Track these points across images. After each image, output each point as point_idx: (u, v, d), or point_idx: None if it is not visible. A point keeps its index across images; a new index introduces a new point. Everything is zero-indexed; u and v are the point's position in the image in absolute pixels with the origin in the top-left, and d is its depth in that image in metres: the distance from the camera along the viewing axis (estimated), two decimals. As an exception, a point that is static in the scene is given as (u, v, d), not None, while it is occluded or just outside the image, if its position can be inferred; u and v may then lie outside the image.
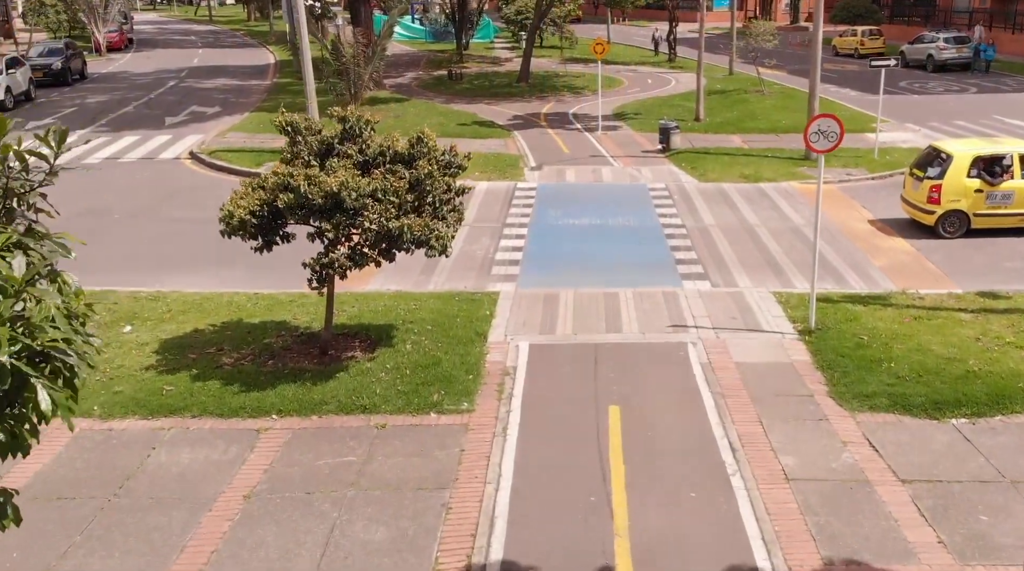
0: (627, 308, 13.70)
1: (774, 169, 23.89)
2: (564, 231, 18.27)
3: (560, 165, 24.70)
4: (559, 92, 40.22)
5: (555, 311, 13.58)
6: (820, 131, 11.98)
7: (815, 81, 24.79)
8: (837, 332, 12.51)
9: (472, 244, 17.32)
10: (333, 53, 32.90)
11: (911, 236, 17.82)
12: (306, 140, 10.84)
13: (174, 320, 13.20)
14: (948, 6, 61.02)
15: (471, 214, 19.48)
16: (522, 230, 18.28)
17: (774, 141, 28.03)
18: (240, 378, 11.09)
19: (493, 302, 13.92)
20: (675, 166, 24.51)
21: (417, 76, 47.57)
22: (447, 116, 33.63)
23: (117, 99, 38.48)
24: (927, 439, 9.80)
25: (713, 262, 16.16)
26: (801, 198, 21.04)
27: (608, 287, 14.72)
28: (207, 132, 30.02)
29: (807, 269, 15.56)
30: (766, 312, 13.52)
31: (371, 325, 12.69)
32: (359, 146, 10.94)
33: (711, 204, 20.47)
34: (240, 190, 10.87)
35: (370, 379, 10.99)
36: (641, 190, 21.88)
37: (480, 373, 11.31)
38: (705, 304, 13.89)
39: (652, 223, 18.90)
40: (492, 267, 15.87)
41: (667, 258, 16.44)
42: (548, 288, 14.66)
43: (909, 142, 27.38)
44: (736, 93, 38.04)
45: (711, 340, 12.46)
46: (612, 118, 32.52)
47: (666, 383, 11.14)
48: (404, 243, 10.43)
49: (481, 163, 24.68)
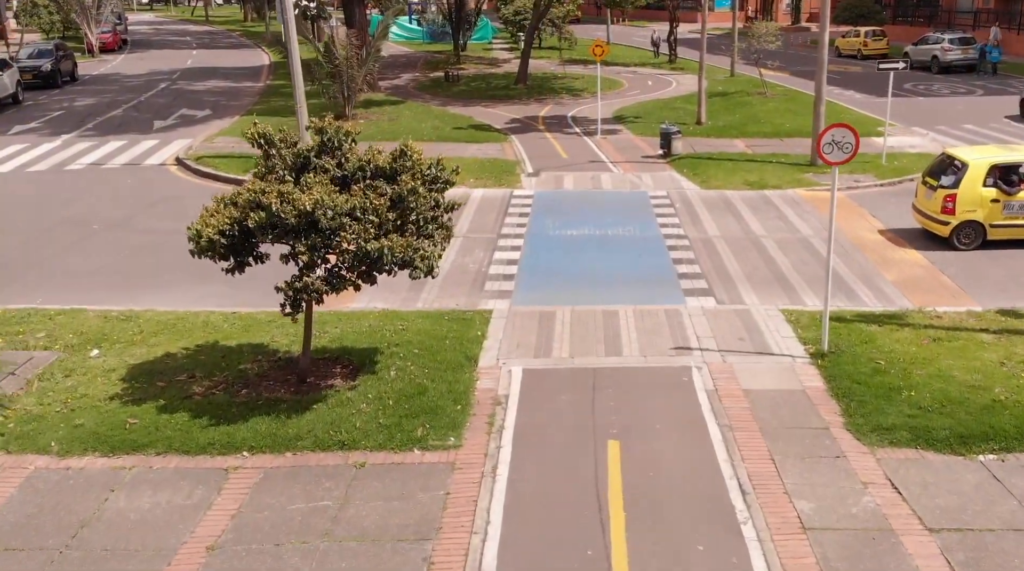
0: (627, 327, 12.91)
1: (779, 175, 23.10)
2: (562, 242, 17.48)
3: (558, 171, 23.91)
4: (558, 94, 39.44)
5: (551, 331, 12.78)
6: (834, 142, 11.19)
7: (821, 84, 24.00)
8: (852, 356, 11.71)
9: (465, 256, 16.52)
10: (326, 55, 32.13)
11: (924, 247, 17.03)
12: (280, 154, 10.04)
13: (145, 343, 12.39)
14: (951, 6, 60.24)
15: (464, 225, 18.69)
16: (518, 241, 17.49)
17: (778, 146, 27.23)
18: (210, 410, 10.30)
19: (485, 321, 13.12)
20: (676, 172, 23.72)
21: (414, 78, 46.79)
22: (443, 119, 32.85)
23: (106, 102, 37.69)
24: (954, 479, 9.00)
25: (718, 276, 15.37)
26: (808, 206, 20.25)
27: (607, 304, 13.93)
28: (196, 136, 29.23)
29: (817, 284, 14.80)
30: (775, 332, 12.72)
31: (354, 349, 11.89)
32: (337, 160, 10.14)
33: (714, 213, 19.68)
34: (211, 206, 10.08)
35: (350, 411, 10.19)
36: (642, 198, 21.09)
37: (469, 403, 10.51)
38: (710, 323, 13.09)
39: (653, 233, 18.11)
40: (485, 282, 15.07)
41: (669, 272, 15.65)
42: (544, 305, 13.88)
43: (917, 147, 26.60)
44: (738, 95, 37.25)
45: (717, 364, 11.66)
46: (612, 121, 31.74)
47: (669, 413, 10.35)
48: (385, 265, 9.63)
49: (477, 169, 23.91)
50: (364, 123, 31.78)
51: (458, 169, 10.79)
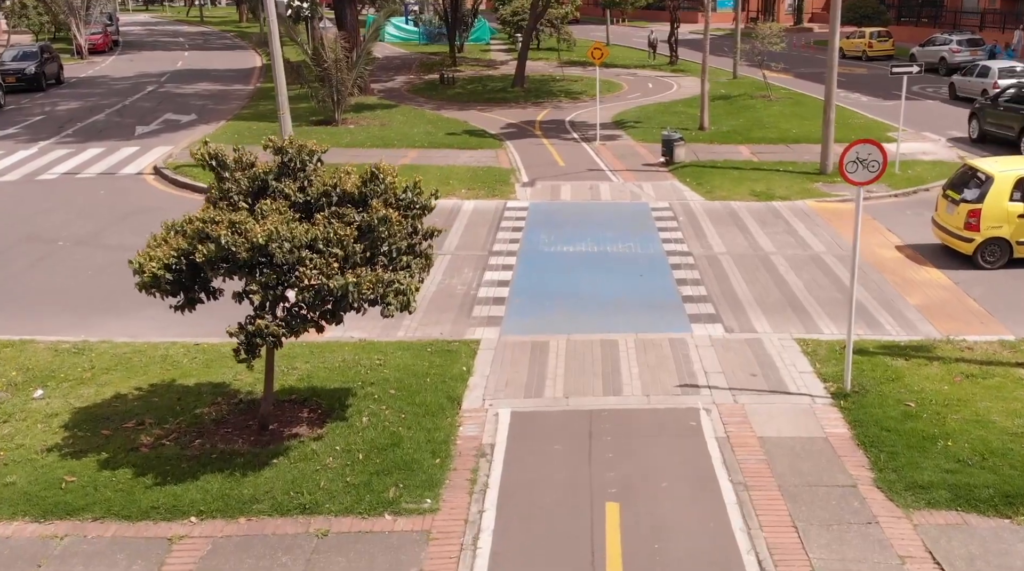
0: (628, 360, 11.74)
1: (787, 185, 21.94)
2: (557, 261, 16.32)
3: (555, 180, 22.75)
4: (556, 97, 38.27)
5: (544, 365, 11.62)
6: (859, 159, 10.03)
7: (831, 89, 22.82)
8: (878, 396, 10.54)
9: (453, 277, 15.35)
10: (314, 58, 30.97)
11: (946, 266, 15.86)
12: (234, 177, 8.87)
13: (95, 381, 11.22)
14: (957, 7, 59.08)
15: (453, 241, 17.51)
16: (510, 259, 16.32)
17: (785, 152, 26.08)
18: (158, 465, 9.12)
19: (472, 354, 11.95)
20: (679, 181, 22.55)
21: (408, 80, 45.62)
22: (436, 124, 31.68)
23: (89, 106, 36.52)
24: (1003, 550, 7.84)
25: (725, 300, 14.20)
26: (819, 219, 19.08)
27: (606, 332, 12.77)
28: (178, 143, 28.04)
29: (833, 308, 13.64)
30: (791, 366, 11.56)
31: (324, 389, 10.71)
32: (300, 183, 8.97)
33: (720, 226, 18.52)
34: (158, 235, 8.92)
35: (314, 466, 9.02)
36: (642, 210, 19.92)
37: (449, 455, 9.34)
38: (718, 355, 11.92)
39: (655, 250, 16.94)
40: (474, 307, 13.90)
41: (673, 295, 14.47)
42: (537, 334, 12.71)
43: (931, 154, 25.44)
44: (741, 98, 36.09)
45: (728, 405, 10.50)
46: (611, 126, 30.58)
47: (676, 467, 9.18)
48: (352, 303, 8.46)
49: (469, 178, 22.75)
50: (354, 128, 30.63)
51: (437, 193, 9.62)
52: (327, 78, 30.75)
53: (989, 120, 25.77)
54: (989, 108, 25.88)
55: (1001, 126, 25.12)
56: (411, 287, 9.03)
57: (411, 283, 9.04)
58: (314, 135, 29.24)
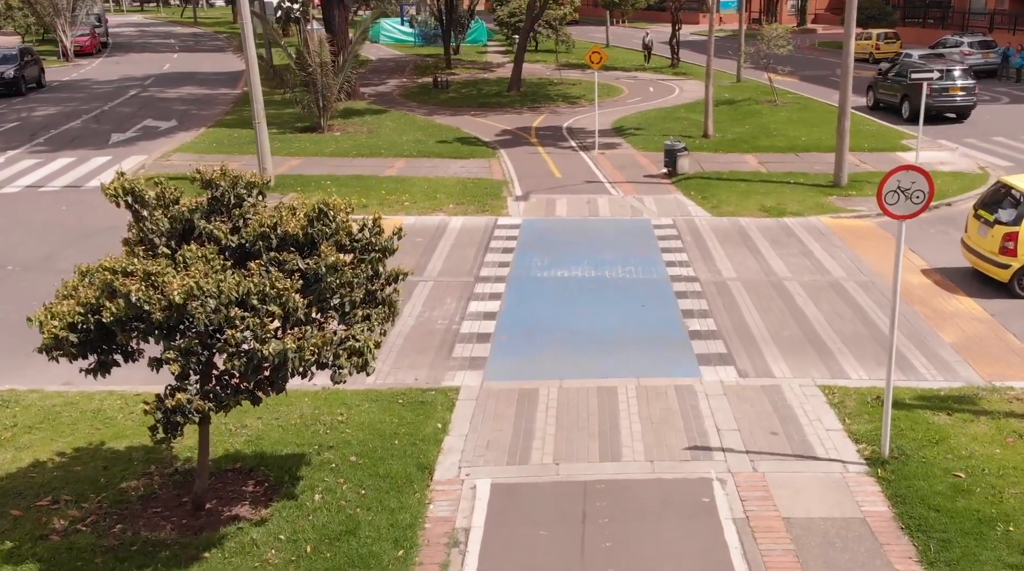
0: (628, 413, 10.26)
1: (798, 199, 20.45)
2: (550, 288, 14.82)
3: (550, 194, 21.26)
4: (553, 102, 36.79)
5: (532, 419, 10.13)
6: (900, 189, 8.53)
7: (846, 96, 21.33)
8: (921, 464, 9.05)
9: (434, 308, 13.86)
10: (298, 62, 29.49)
11: (979, 294, 14.38)
12: (152, 216, 7.37)
13: (14, 443, 9.71)
14: (964, 7, 57.60)
15: (437, 264, 16.03)
16: (498, 286, 14.82)
17: (794, 162, 24.59)
18: (67, 562, 7.60)
19: (450, 405, 10.46)
20: (683, 195, 21.07)
21: (400, 83, 44.13)
22: (427, 131, 30.20)
23: (67, 111, 35.03)
24: None
25: (737, 336, 12.70)
26: (835, 239, 17.59)
27: (603, 376, 11.29)
28: (152, 153, 26.56)
29: (860, 346, 12.14)
30: (816, 422, 10.07)
31: (274, 456, 9.21)
32: (234, 223, 7.48)
33: (728, 247, 17.03)
34: (69, 283, 7.42)
35: (252, 562, 7.51)
36: (644, 228, 18.43)
37: (415, 544, 7.84)
38: (732, 407, 10.43)
39: (658, 275, 15.46)
40: (455, 345, 12.39)
41: (679, 329, 12.98)
42: (525, 379, 11.22)
43: (948, 164, 23.94)
44: (746, 103, 34.61)
45: (745, 474, 9.00)
46: (611, 133, 29.08)
47: (685, 560, 7.69)
48: (295, 369, 6.97)
49: (458, 191, 21.26)
50: (340, 136, 29.14)
51: (400, 232, 8.16)
52: (312, 83, 29.27)
53: (880, 91, 32.39)
54: (881, 81, 32.69)
55: (888, 95, 31.72)
56: (369, 344, 7.54)
57: (369, 339, 7.55)
58: (298, 143, 27.76)
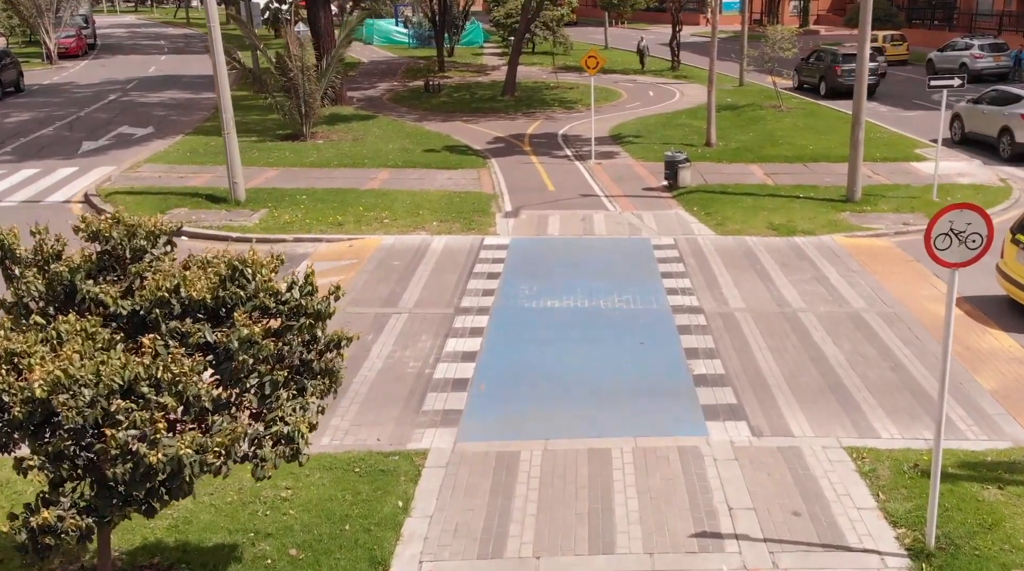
0: (624, 485, 8.74)
1: (809, 215, 18.95)
2: (538, 322, 13.30)
3: (542, 209, 19.76)
4: (549, 107, 35.30)
5: (510, 495, 8.61)
6: (953, 232, 7.00)
7: (861, 104, 19.80)
8: (973, 557, 7.54)
9: (406, 347, 12.33)
10: (279, 66, 27.98)
11: (1017, 328, 12.87)
12: (23, 276, 5.87)
13: None
14: (971, 9, 56.16)
15: (415, 292, 14.51)
16: (480, 320, 13.30)
17: (803, 173, 23.09)
18: None
19: (415, 475, 8.94)
20: (685, 210, 19.56)
21: (391, 87, 42.64)
22: (415, 138, 28.71)
23: (41, 117, 33.54)
24: None
25: (748, 382, 11.19)
26: (851, 261, 16.08)
27: (595, 434, 9.79)
28: (121, 163, 25.04)
29: (889, 396, 10.63)
30: (845, 497, 8.55)
31: (200, 548, 7.68)
32: (126, 284, 5.96)
33: (735, 271, 15.53)
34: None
35: None
36: (643, 248, 16.93)
37: None
38: (745, 477, 8.92)
39: (659, 305, 13.95)
40: (426, 395, 10.86)
41: (682, 373, 11.46)
42: (504, 439, 9.71)
43: (968, 176, 22.46)
44: (750, 109, 33.14)
45: (763, 569, 7.51)
46: (608, 141, 27.59)
47: None
48: (198, 473, 5.46)
49: (443, 207, 19.75)
50: (323, 144, 27.64)
51: (339, 290, 6.62)
52: (293, 88, 27.76)
53: (804, 74, 38.23)
54: (804, 66, 38.04)
55: (809, 77, 37.82)
56: (302, 428, 6.04)
57: (301, 422, 6.05)
58: (277, 152, 26.26)
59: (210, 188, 21.26)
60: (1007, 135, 23.92)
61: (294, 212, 19.12)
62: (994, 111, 24.55)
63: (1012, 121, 23.66)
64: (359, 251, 16.75)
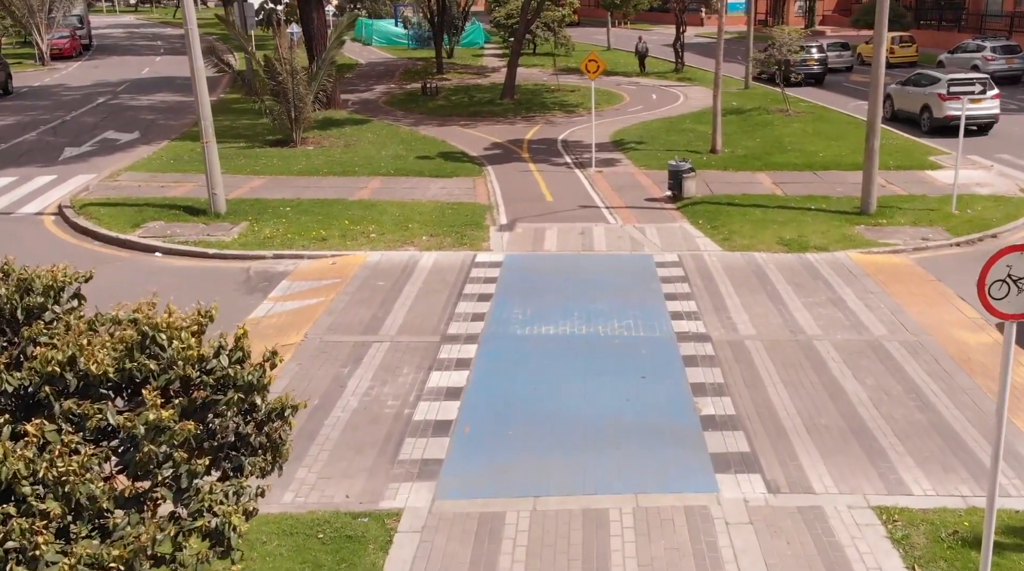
0: (623, 557, 7.66)
1: (821, 229, 17.87)
2: (530, 352, 12.22)
3: (539, 222, 18.69)
4: (549, 111, 34.24)
5: (493, 569, 7.55)
6: (1012, 279, 5.94)
7: (876, 111, 18.70)
8: (1030, 654, 6.50)
9: (385, 381, 11.27)
10: (267, 69, 26.93)
11: (1054, 359, 11.80)
12: None
13: None
14: (979, 9, 55.01)
15: (398, 317, 13.45)
16: (468, 349, 12.24)
17: (813, 182, 22.02)
18: None
19: (385, 542, 7.88)
20: (690, 224, 18.49)
21: (388, 90, 41.61)
22: (410, 144, 27.64)
23: (26, 122, 32.51)
24: None
25: (762, 424, 10.12)
26: (868, 281, 15.01)
27: (591, 489, 8.73)
28: (103, 170, 24.01)
29: (919, 442, 9.56)
30: (874, 568, 7.49)
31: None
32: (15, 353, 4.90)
33: (744, 292, 14.46)
34: None
35: None
36: (645, 266, 15.86)
37: None
38: (762, 545, 7.84)
39: (662, 331, 12.88)
40: (404, 440, 9.79)
41: (688, 414, 10.39)
42: (489, 495, 8.64)
43: (986, 185, 21.36)
44: (756, 113, 32.04)
45: (784, 666, 6.44)
46: (609, 147, 26.52)
47: None
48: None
49: (435, 219, 18.69)
50: (313, 150, 26.59)
51: (274, 357, 5.53)
52: (283, 92, 26.72)
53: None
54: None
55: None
56: (233, 520, 4.98)
57: (232, 513, 4.99)
58: (265, 159, 25.21)
59: (190, 199, 20.21)
60: (927, 111, 27.63)
61: (276, 225, 18.07)
62: (917, 92, 28.26)
63: (931, 100, 27.28)
64: (342, 269, 15.70)
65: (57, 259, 16.56)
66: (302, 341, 12.46)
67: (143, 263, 16.36)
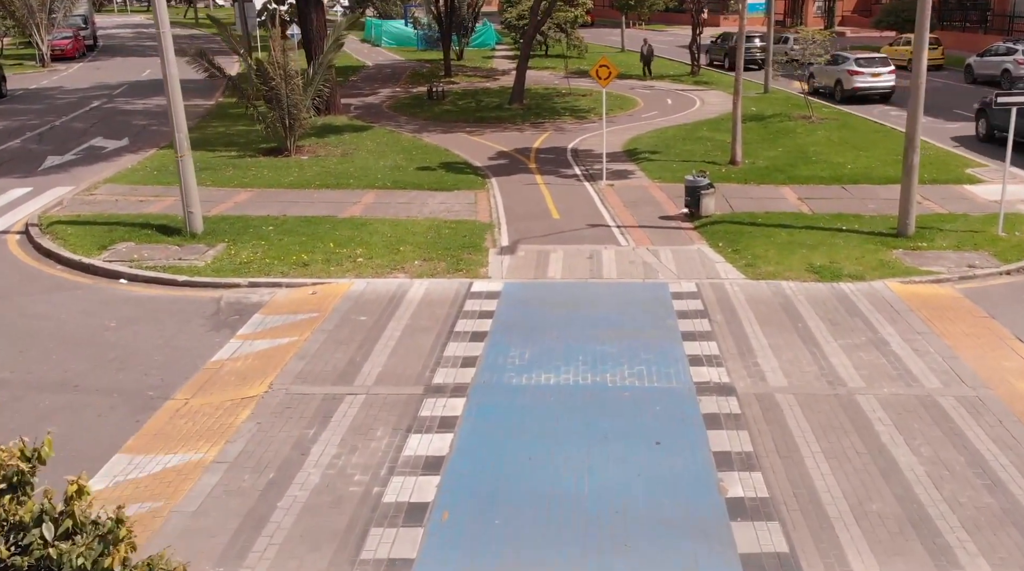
0: None
1: (855, 254, 16.15)
2: (526, 406, 10.57)
3: (544, 243, 17.06)
4: (559, 116, 32.61)
5: None
6: None
7: (916, 122, 16.94)
8: None
9: (355, 448, 9.62)
10: (259, 74, 25.40)
11: None
12: None
13: None
14: (1005, 10, 52.98)
15: (378, 361, 11.81)
16: (455, 404, 10.60)
17: (842, 198, 20.30)
18: None
19: None
20: (709, 246, 16.82)
21: (392, 93, 40.10)
22: (410, 153, 26.06)
23: (14, 128, 31.15)
24: None
25: (801, 512, 8.42)
26: (911, 316, 13.29)
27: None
28: (80, 183, 22.55)
29: (990, 536, 7.85)
30: None
31: None
32: None
33: (772, 331, 12.77)
34: None
35: None
36: (660, 297, 14.19)
37: None
38: None
39: (680, 381, 11.21)
40: (369, 531, 8.16)
41: (712, 497, 8.70)
42: (468, 612, 7.04)
43: (1036, 202, 19.57)
44: (777, 119, 30.31)
45: None
46: (621, 157, 24.87)
47: None
48: None
49: (430, 241, 17.06)
50: (307, 160, 25.03)
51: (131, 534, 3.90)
52: (276, 98, 25.18)
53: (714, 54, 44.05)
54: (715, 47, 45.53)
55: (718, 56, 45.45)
56: None
57: None
58: (255, 170, 23.68)
59: (167, 216, 18.67)
60: (839, 85, 34.16)
61: (255, 248, 16.50)
62: (832, 69, 34.08)
63: (841, 75, 33.96)
64: (322, 300, 14.10)
65: (14, 285, 15.10)
66: (265, 393, 10.85)
67: (105, 292, 14.81)
